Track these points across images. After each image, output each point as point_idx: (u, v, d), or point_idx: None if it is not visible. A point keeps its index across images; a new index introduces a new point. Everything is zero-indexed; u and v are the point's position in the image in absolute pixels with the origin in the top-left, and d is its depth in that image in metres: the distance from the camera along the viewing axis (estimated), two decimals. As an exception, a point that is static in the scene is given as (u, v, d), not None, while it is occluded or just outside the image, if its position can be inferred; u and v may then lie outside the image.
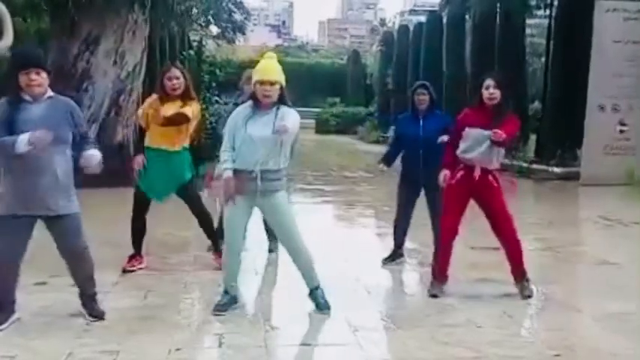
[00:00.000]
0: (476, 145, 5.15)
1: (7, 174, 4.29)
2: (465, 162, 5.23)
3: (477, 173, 5.16)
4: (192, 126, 5.83)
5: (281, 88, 4.68)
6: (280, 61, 4.91)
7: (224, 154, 4.70)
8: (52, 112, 4.30)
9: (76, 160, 4.43)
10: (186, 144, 5.89)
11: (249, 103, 4.76)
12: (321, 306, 4.88)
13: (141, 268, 5.95)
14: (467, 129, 5.22)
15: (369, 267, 6.37)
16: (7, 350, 4.04)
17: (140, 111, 5.89)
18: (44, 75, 4.29)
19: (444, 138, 5.86)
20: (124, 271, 5.85)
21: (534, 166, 15.08)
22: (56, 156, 4.26)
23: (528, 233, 8.46)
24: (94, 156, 4.42)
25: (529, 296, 5.26)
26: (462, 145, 5.23)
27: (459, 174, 5.24)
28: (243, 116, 4.70)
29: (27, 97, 4.28)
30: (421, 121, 6.12)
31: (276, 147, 4.62)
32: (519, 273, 5.38)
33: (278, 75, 4.68)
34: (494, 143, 5.07)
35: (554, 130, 15.46)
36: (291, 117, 4.58)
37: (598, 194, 11.81)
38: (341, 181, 14.09)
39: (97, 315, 4.59)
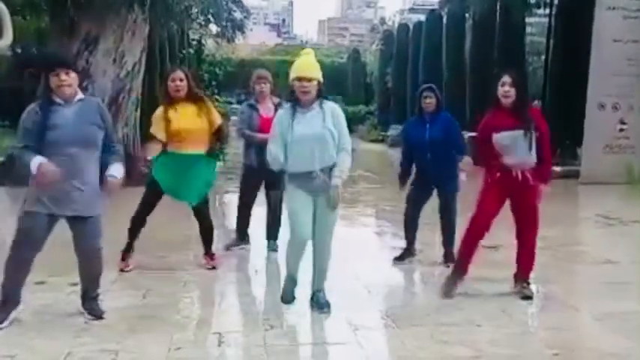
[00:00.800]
0: (509, 148, 5.09)
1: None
2: (503, 165, 5.17)
3: (518, 175, 5.10)
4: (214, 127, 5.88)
5: (319, 83, 4.69)
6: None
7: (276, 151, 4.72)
8: (82, 115, 4.32)
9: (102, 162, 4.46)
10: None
11: (289, 104, 4.76)
12: (322, 305, 4.88)
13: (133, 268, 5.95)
14: (494, 135, 5.13)
15: (370, 266, 6.37)
16: (7, 349, 4.04)
17: (155, 127, 5.80)
18: (73, 75, 4.32)
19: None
20: (122, 270, 5.85)
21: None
22: (86, 159, 4.29)
23: (528, 232, 8.48)
24: (116, 178, 4.41)
25: (529, 297, 5.23)
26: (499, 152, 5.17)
27: (498, 175, 5.16)
28: (287, 119, 4.70)
29: (58, 100, 4.29)
30: (427, 125, 6.10)
31: (329, 142, 4.64)
32: (522, 278, 5.35)
33: (316, 71, 4.71)
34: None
35: (553, 128, 15.35)
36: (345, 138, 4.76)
37: (598, 193, 11.82)
38: (341, 179, 14.06)
39: (95, 314, 4.59)
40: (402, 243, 6.56)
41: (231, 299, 5.50)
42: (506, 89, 5.09)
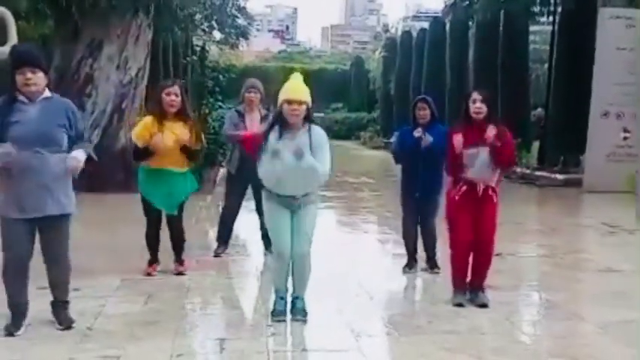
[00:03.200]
0: (478, 164, 5.13)
1: (2, 177, 4.27)
2: (466, 179, 5.20)
3: (480, 189, 5.13)
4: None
5: (307, 108, 4.69)
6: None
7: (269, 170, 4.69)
8: (46, 113, 4.26)
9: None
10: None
11: (276, 126, 4.69)
12: (299, 312, 4.84)
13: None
14: (464, 150, 5.15)
15: (372, 273, 6.36)
16: (9, 355, 4.04)
17: (134, 133, 5.83)
18: (40, 74, 4.25)
19: (424, 135, 5.91)
20: (149, 274, 5.90)
21: (537, 172, 15.08)
22: (49, 157, 4.22)
23: (531, 240, 8.49)
24: (73, 158, 4.27)
25: (485, 305, 5.18)
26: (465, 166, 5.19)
27: (462, 189, 5.20)
28: (275, 141, 4.65)
29: (22, 98, 4.25)
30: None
31: (316, 172, 4.66)
32: (480, 284, 5.32)
33: (305, 95, 4.70)
34: (499, 162, 5.13)
35: (557, 136, 15.47)
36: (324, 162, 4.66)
37: (601, 201, 11.80)
38: (343, 186, 14.09)
39: (65, 324, 4.49)
40: (404, 249, 6.55)
41: (232, 305, 5.49)
42: (478, 106, 5.17)
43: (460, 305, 5.18)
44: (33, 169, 4.19)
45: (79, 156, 4.31)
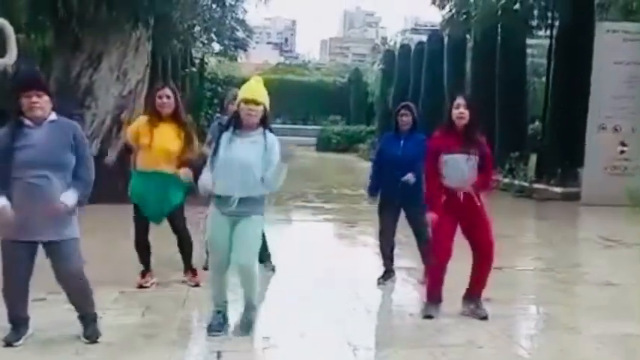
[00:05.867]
0: (453, 171, 5.10)
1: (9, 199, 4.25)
2: (446, 188, 5.17)
3: (461, 196, 5.12)
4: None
5: (264, 110, 4.65)
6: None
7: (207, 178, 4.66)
8: (53, 137, 4.26)
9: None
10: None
11: (230, 127, 4.69)
12: (245, 328, 4.79)
13: (153, 284, 5.97)
14: (442, 155, 5.15)
15: (369, 286, 6.36)
16: (5, 367, 4.04)
17: (129, 131, 5.91)
18: (46, 98, 4.26)
19: (411, 178, 5.90)
20: (141, 286, 5.88)
21: (535, 185, 15.09)
22: (55, 182, 4.22)
23: (529, 253, 8.49)
24: (63, 204, 4.24)
25: (485, 317, 5.16)
26: (441, 172, 5.17)
27: (443, 199, 5.15)
28: (226, 140, 4.65)
29: (27, 122, 4.25)
30: (402, 142, 6.16)
31: (256, 172, 4.55)
32: (479, 293, 5.31)
33: (264, 96, 4.66)
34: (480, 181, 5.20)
35: (554, 149, 15.47)
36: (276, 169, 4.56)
37: (599, 215, 11.81)
38: (342, 198, 14.09)
39: (93, 338, 4.47)
40: (403, 262, 6.58)
41: (230, 317, 5.47)
42: (461, 111, 5.11)
43: (430, 317, 5.16)
44: (39, 194, 4.17)
45: (68, 200, 4.26)
